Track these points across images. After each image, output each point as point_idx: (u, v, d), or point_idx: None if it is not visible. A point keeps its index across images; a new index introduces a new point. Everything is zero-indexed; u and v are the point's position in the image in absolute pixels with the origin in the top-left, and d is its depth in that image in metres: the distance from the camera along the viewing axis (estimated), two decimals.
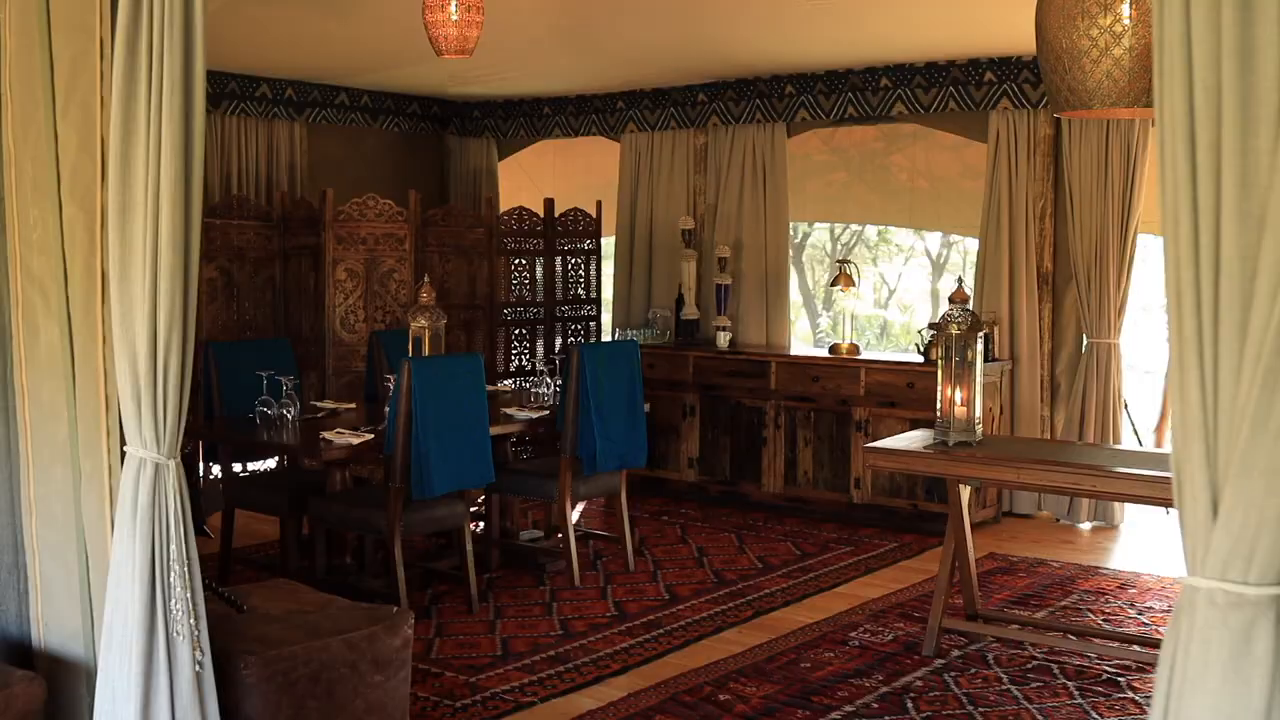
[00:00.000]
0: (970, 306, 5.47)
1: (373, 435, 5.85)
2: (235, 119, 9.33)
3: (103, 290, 3.40)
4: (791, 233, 9.86)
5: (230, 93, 9.24)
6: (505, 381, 9.36)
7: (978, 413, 5.43)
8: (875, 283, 15.82)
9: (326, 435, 5.79)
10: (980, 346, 5.44)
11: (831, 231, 15.54)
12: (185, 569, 3.37)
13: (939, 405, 5.49)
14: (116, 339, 3.30)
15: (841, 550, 7.42)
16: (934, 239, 15.69)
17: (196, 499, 3.94)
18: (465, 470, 5.86)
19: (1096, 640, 5.65)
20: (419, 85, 10.07)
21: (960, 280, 5.54)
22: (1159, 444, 9.76)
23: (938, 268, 15.85)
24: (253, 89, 9.37)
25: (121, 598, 3.36)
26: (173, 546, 3.35)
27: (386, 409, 6.05)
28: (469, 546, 6.07)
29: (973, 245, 15.67)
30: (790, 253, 9.51)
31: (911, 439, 5.66)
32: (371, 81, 9.89)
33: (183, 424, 3.37)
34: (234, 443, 6.28)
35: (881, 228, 13.94)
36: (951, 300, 5.45)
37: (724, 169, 9.45)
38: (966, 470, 5.26)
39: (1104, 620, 6.09)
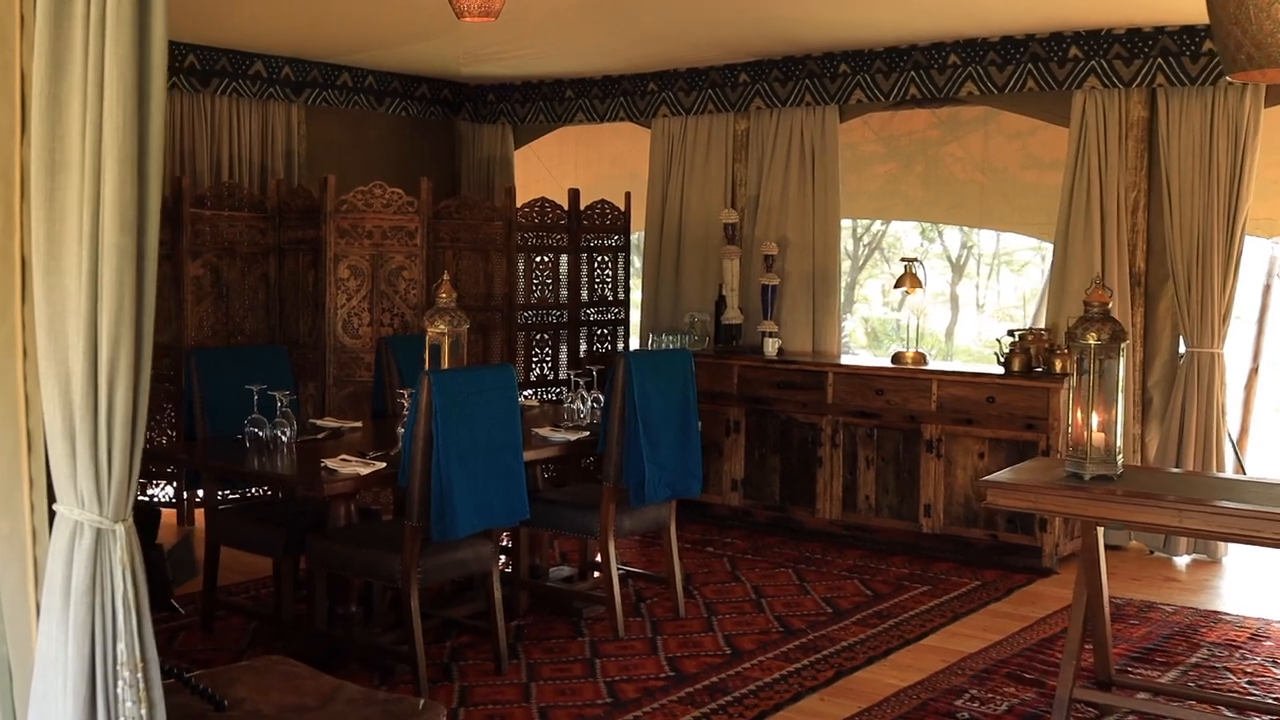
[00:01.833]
0: (1111, 310, 4.52)
1: (384, 463, 4.89)
2: (226, 99, 8.38)
3: (23, 284, 2.44)
4: None
5: (221, 70, 8.30)
6: (525, 394, 8.40)
7: (1119, 440, 4.49)
8: (885, 284, 15.08)
9: (328, 463, 4.83)
10: (1123, 360, 4.49)
11: (854, 230, 14.68)
12: (139, 674, 2.42)
13: (1069, 430, 4.54)
14: (42, 353, 2.36)
15: (917, 590, 6.47)
16: (953, 239, 14.85)
17: (160, 566, 3.01)
18: (496, 506, 4.90)
19: (1256, 715, 4.70)
20: (429, 65, 9.12)
21: (1098, 280, 4.59)
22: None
23: (956, 269, 15.01)
24: (246, 67, 8.42)
25: (50, 713, 2.42)
26: (120, 644, 2.40)
27: (400, 430, 5.10)
28: (497, 595, 5.11)
29: (989, 248, 14.94)
30: (840, 251, 8.56)
31: (1034, 470, 4.71)
32: (377, 60, 8.94)
33: (135, 471, 2.42)
34: (219, 470, 5.33)
35: (925, 226, 12.99)
36: (1087, 303, 4.50)
37: (768, 157, 8.51)
38: (1112, 511, 4.30)
39: (1249, 683, 5.14)
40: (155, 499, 7.72)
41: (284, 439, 5.20)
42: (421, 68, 9.26)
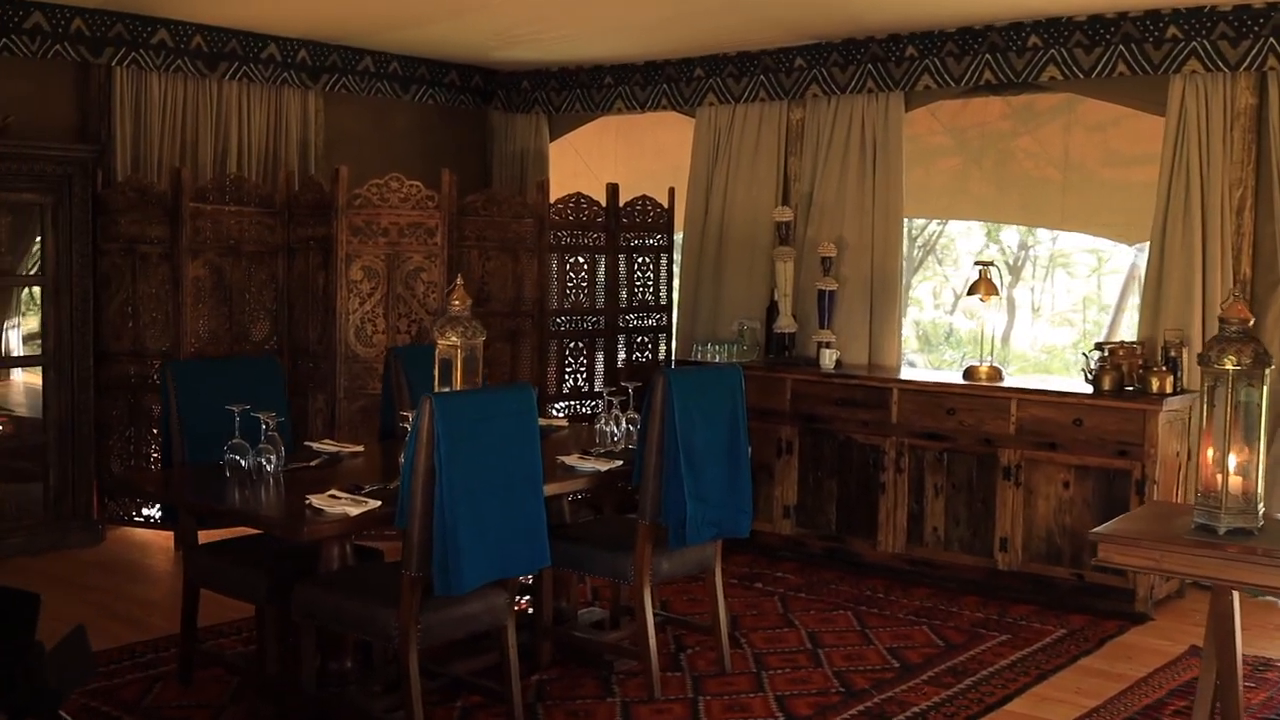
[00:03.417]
0: (1251, 328, 3.74)
1: (379, 501, 4.17)
2: (236, 84, 7.72)
3: None
4: None
5: (230, 53, 7.64)
6: (558, 408, 7.70)
7: (1260, 485, 3.71)
8: (938, 287, 14.38)
9: (314, 501, 4.12)
10: (1266, 388, 3.72)
11: (909, 231, 13.91)
12: None
13: (1200, 472, 3.77)
14: None
15: (995, 639, 5.70)
16: (1010, 241, 14.10)
17: (38, 669, 2.32)
18: (510, 552, 4.18)
19: None
20: (458, 49, 8.43)
21: (1236, 291, 3.82)
22: None
23: (1014, 272, 14.27)
24: (258, 49, 7.76)
25: None
26: None
27: (401, 460, 4.39)
28: (513, 653, 4.39)
29: (1045, 249, 14.14)
30: (903, 254, 7.79)
31: (1151, 518, 3.95)
32: (402, 43, 8.26)
33: None
34: (191, 507, 4.64)
35: (990, 227, 12.18)
36: (1224, 319, 3.73)
37: (823, 149, 7.75)
38: (1256, 575, 3.52)
39: None
40: (151, 520, 7.07)
41: (269, 468, 4.50)
42: (450, 52, 8.57)
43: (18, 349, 6.97)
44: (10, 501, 6.82)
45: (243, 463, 4.50)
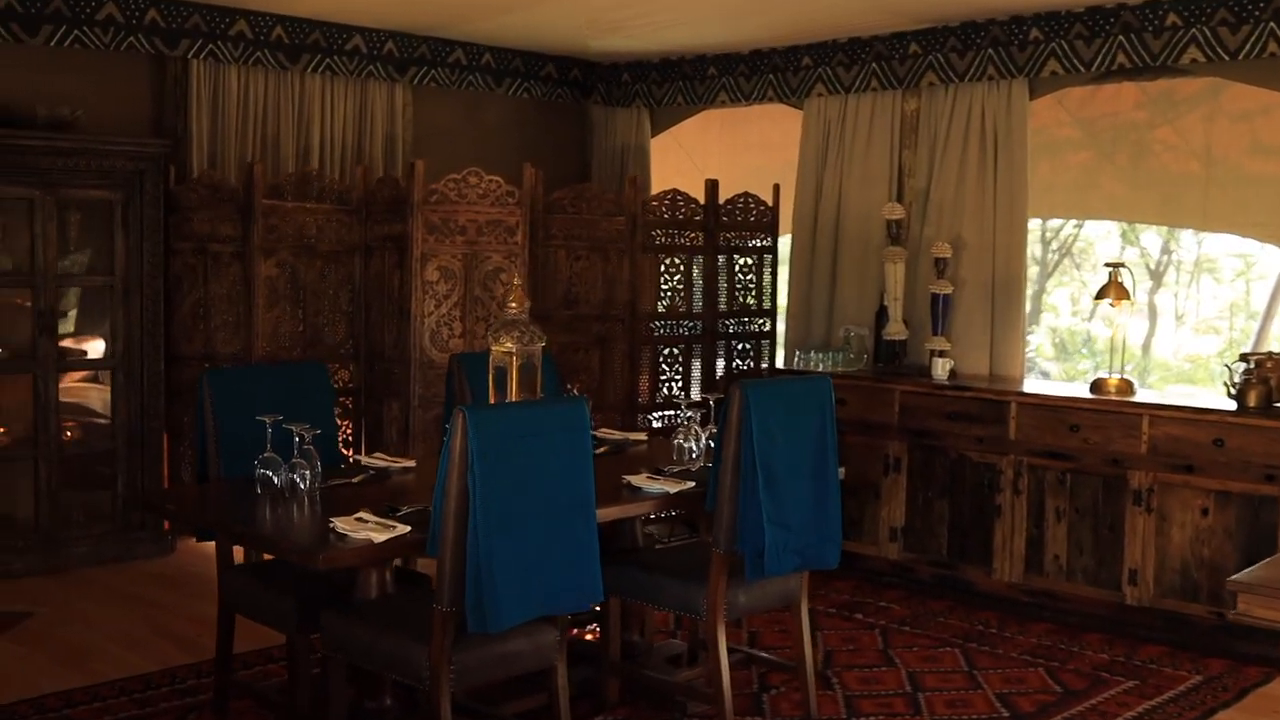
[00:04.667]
0: None
1: (409, 526, 3.73)
2: (319, 78, 7.42)
3: None
4: None
5: (313, 45, 7.33)
6: (652, 417, 7.23)
7: None
8: (1075, 292, 13.59)
9: (339, 524, 3.70)
10: None
11: (1042, 233, 13.17)
12: None
13: None
14: None
15: (1121, 685, 5.08)
16: (1151, 243, 13.27)
17: None
18: (554, 587, 3.71)
19: None
20: (553, 39, 8.01)
21: None
22: None
23: (1155, 277, 13.43)
24: (342, 41, 7.43)
25: None
26: None
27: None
28: (564, 698, 3.91)
29: (1190, 253, 13.27)
30: (1027, 256, 7.16)
31: None
32: (494, 34, 7.86)
33: None
34: (217, 525, 4.26)
35: (1125, 227, 11.39)
36: None
37: (940, 142, 7.17)
38: None
39: None
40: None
41: (302, 485, 4.10)
42: (546, 43, 8.15)
43: None
44: (79, 510, 6.57)
45: (275, 479, 4.11)
